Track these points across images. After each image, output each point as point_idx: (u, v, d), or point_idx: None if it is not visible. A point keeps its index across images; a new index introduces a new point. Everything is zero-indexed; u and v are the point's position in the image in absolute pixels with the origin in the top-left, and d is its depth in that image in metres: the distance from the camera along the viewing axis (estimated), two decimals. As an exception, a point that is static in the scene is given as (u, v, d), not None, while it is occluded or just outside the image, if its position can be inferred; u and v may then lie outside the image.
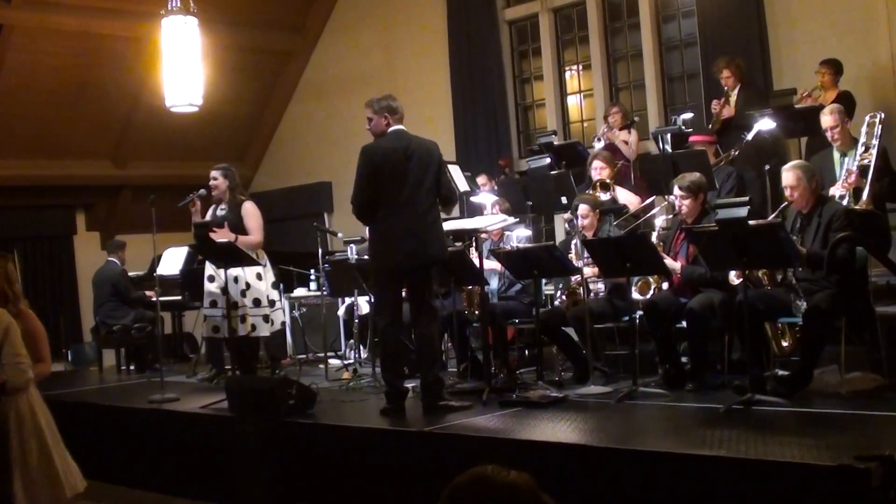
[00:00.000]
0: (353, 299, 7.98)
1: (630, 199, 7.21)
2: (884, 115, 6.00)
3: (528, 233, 7.31)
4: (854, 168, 5.85)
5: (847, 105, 6.47)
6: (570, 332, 6.42)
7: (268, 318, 7.19)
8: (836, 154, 6.14)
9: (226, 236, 6.94)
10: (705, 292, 5.70)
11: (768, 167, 6.52)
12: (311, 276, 9.07)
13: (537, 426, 4.98)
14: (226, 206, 7.29)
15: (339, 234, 8.71)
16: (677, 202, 5.97)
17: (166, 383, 7.15)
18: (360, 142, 5.76)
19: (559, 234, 9.16)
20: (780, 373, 5.56)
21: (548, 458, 4.45)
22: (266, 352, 7.93)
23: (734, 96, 7.68)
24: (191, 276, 8.73)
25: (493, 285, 6.88)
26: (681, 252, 6.01)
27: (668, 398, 5.49)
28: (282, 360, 8.54)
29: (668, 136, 7.23)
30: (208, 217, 7.31)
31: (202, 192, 7.27)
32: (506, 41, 10.24)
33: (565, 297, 6.61)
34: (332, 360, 8.10)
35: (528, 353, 7.41)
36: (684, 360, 5.95)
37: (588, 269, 6.30)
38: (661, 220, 6.34)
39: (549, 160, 7.32)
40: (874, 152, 5.83)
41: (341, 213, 11.07)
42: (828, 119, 6.05)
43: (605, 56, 9.54)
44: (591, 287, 6.46)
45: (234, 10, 10.61)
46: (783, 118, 6.68)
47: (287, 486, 5.51)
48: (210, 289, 7.25)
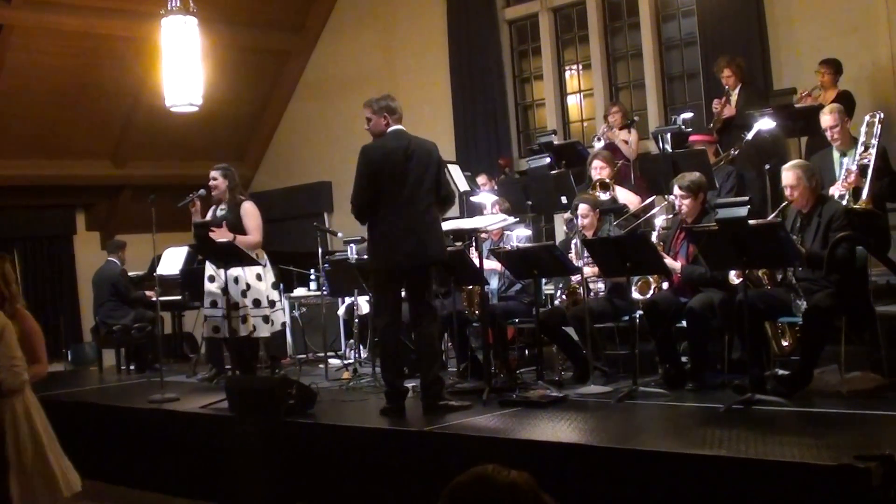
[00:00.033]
0: (353, 299, 7.97)
1: (630, 199, 7.20)
2: (883, 115, 5.99)
3: (528, 232, 7.32)
4: (853, 168, 5.84)
5: (847, 105, 6.47)
6: (570, 331, 6.42)
7: (268, 319, 7.18)
8: (835, 154, 6.13)
9: (224, 236, 6.93)
10: (705, 292, 5.70)
11: (768, 167, 6.52)
12: (311, 276, 9.07)
13: (537, 426, 4.98)
14: (225, 207, 7.29)
15: (339, 234, 8.71)
16: (677, 202, 5.97)
17: (166, 383, 7.14)
18: (359, 141, 5.75)
19: (559, 233, 9.15)
20: (781, 372, 5.56)
21: (548, 458, 4.45)
22: (266, 352, 7.94)
23: (735, 96, 7.68)
24: (191, 276, 8.73)
25: (493, 285, 6.88)
26: (681, 252, 6.00)
27: (668, 398, 5.48)
28: (282, 359, 8.54)
29: (668, 135, 7.23)
30: (208, 217, 7.31)
31: (202, 192, 7.27)
32: (506, 41, 10.24)
33: (565, 296, 6.61)
34: (331, 360, 8.10)
35: (528, 352, 7.41)
36: (684, 359, 5.95)
37: (588, 269, 6.30)
38: (661, 220, 6.34)
39: (548, 160, 7.32)
40: (873, 152, 5.83)
41: (341, 212, 11.06)
42: (827, 118, 6.05)
43: (605, 56, 9.54)
44: (591, 287, 6.45)
45: (234, 9, 10.60)
46: (783, 118, 6.68)
47: (287, 486, 5.51)
48: (210, 289, 7.25)
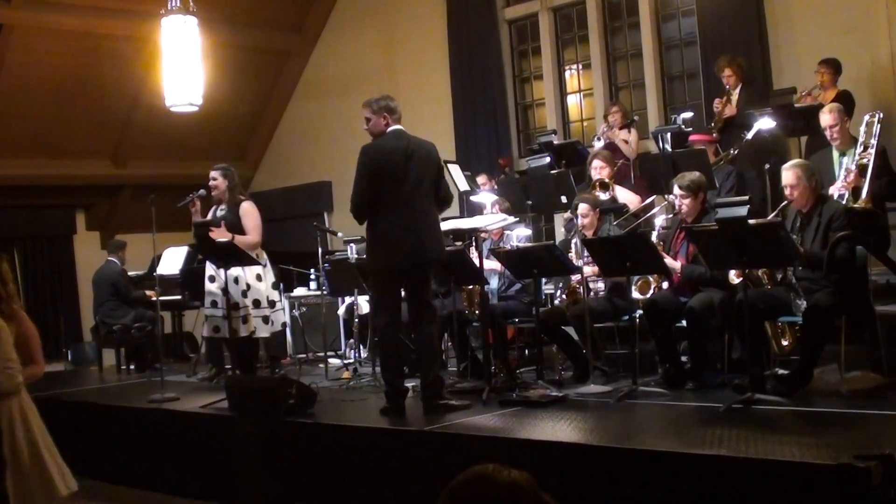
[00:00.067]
0: (353, 299, 7.97)
1: (630, 199, 7.20)
2: (882, 115, 6.00)
3: (528, 232, 7.31)
4: (853, 167, 5.85)
5: (846, 104, 6.47)
6: (570, 331, 6.42)
7: (267, 320, 7.18)
8: (835, 153, 6.13)
9: (222, 236, 6.93)
10: (705, 291, 5.70)
11: (768, 166, 6.51)
12: (311, 276, 9.07)
13: (537, 425, 4.98)
14: (225, 207, 7.29)
15: (339, 234, 8.71)
16: (677, 201, 5.97)
17: (166, 383, 7.14)
18: (359, 141, 5.74)
19: (559, 233, 9.16)
20: (780, 372, 5.56)
21: (548, 458, 4.45)
22: (266, 351, 7.93)
23: (736, 95, 7.68)
24: (191, 276, 8.73)
25: (493, 285, 6.88)
26: (681, 251, 6.00)
27: (668, 397, 5.48)
28: (282, 359, 8.54)
29: (668, 135, 7.23)
30: (209, 218, 7.31)
31: (202, 192, 7.27)
32: (505, 40, 10.24)
33: (565, 296, 6.61)
34: (331, 360, 8.10)
35: (527, 352, 7.41)
36: (684, 359, 5.95)
37: (588, 269, 6.30)
38: (661, 220, 6.35)
39: (548, 159, 7.32)
40: (872, 151, 5.83)
41: (341, 212, 11.05)
42: (827, 117, 6.05)
43: (605, 55, 9.54)
44: (591, 286, 6.45)
45: (234, 9, 10.60)
46: (783, 117, 6.67)
47: (287, 486, 5.51)
48: (211, 289, 7.24)
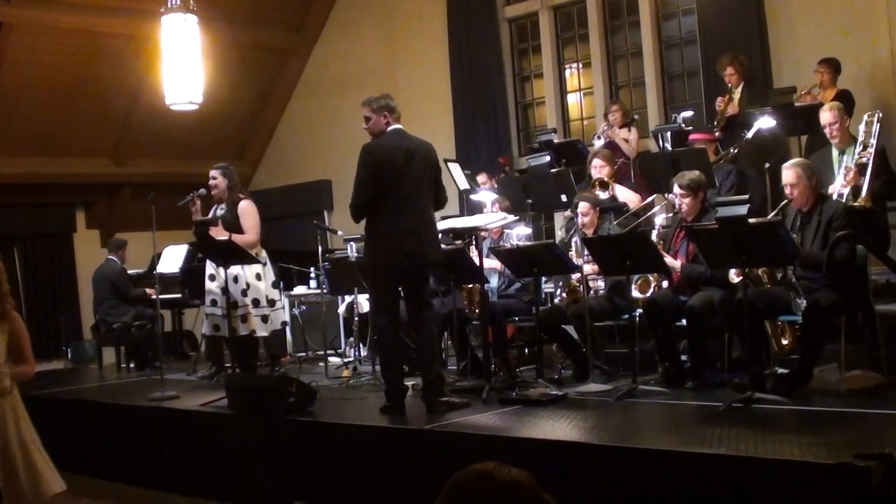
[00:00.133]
0: (353, 297, 7.97)
1: (630, 198, 7.20)
2: (882, 115, 6.00)
3: (528, 231, 7.32)
4: (852, 165, 5.85)
5: (846, 104, 6.47)
6: (570, 330, 6.41)
7: (266, 319, 7.17)
8: (834, 152, 6.13)
9: (220, 235, 6.93)
10: (705, 290, 5.70)
11: (768, 165, 6.52)
12: (311, 274, 9.07)
13: (537, 424, 4.98)
14: (225, 206, 7.29)
15: (339, 232, 8.71)
16: (677, 200, 5.97)
17: (166, 381, 7.14)
18: (359, 140, 5.73)
19: (560, 233, 9.15)
20: (780, 371, 5.56)
21: (547, 456, 4.45)
22: (266, 350, 7.93)
23: (737, 93, 7.67)
24: (191, 274, 8.73)
25: (493, 283, 6.88)
26: (681, 250, 6.00)
27: (668, 396, 5.49)
28: (281, 357, 8.54)
29: (668, 134, 7.22)
30: (209, 216, 7.31)
31: (202, 191, 7.26)
32: (506, 39, 10.23)
33: (565, 295, 6.61)
34: (331, 358, 8.10)
35: (527, 351, 7.41)
36: (684, 358, 5.95)
37: (588, 267, 6.30)
38: (661, 219, 6.35)
39: (548, 158, 7.32)
40: (872, 151, 5.83)
41: (341, 211, 11.05)
42: (827, 115, 6.05)
43: (605, 54, 9.54)
44: (591, 285, 6.45)
45: (234, 7, 10.59)
46: (783, 116, 6.67)
47: (287, 484, 5.51)
48: (211, 288, 7.24)
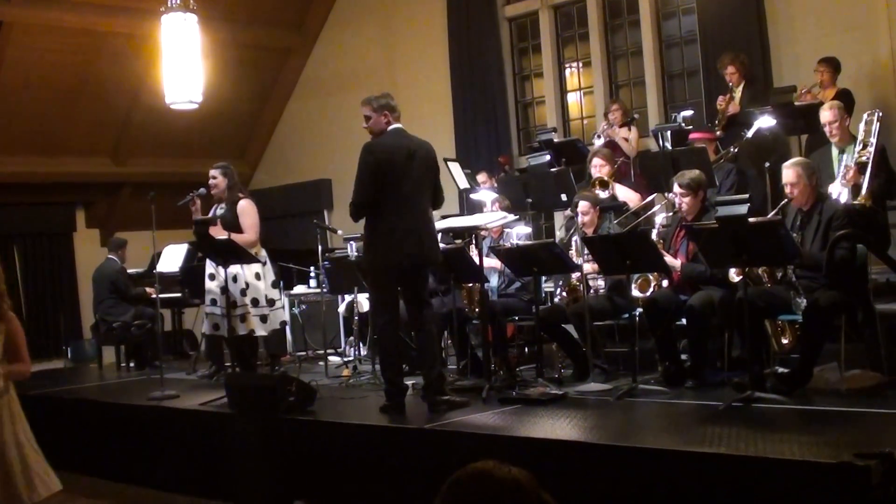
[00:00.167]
0: (353, 296, 7.97)
1: (630, 197, 7.20)
2: (882, 114, 6.00)
3: (528, 230, 7.31)
4: (852, 164, 5.85)
5: (846, 103, 6.47)
6: (570, 329, 6.41)
7: (265, 318, 7.17)
8: (834, 151, 6.14)
9: (219, 234, 6.93)
10: (705, 289, 5.70)
11: (768, 164, 6.52)
12: (311, 274, 9.07)
13: (537, 423, 4.98)
14: (225, 205, 7.29)
15: (339, 231, 8.70)
16: (677, 199, 5.97)
17: (166, 380, 7.14)
18: (359, 139, 5.72)
19: (559, 231, 9.15)
20: (780, 370, 5.56)
21: (547, 456, 4.45)
22: (266, 349, 7.93)
23: (739, 92, 7.67)
24: (191, 273, 8.72)
25: (493, 283, 6.88)
26: (681, 249, 6.00)
27: (668, 395, 5.48)
28: (281, 357, 8.54)
29: (669, 133, 7.22)
30: (209, 216, 7.31)
31: (202, 190, 7.25)
32: (506, 38, 10.23)
33: (565, 294, 6.61)
34: (331, 358, 8.10)
35: (527, 350, 7.41)
36: (684, 357, 5.94)
37: (588, 266, 6.30)
38: (661, 218, 6.35)
39: (548, 157, 7.33)
40: (871, 150, 5.83)
41: (341, 210, 11.04)
42: (827, 114, 6.05)
43: (606, 53, 9.54)
44: (591, 284, 6.45)
45: (234, 6, 10.59)
46: (783, 115, 6.67)
47: (286, 483, 5.51)
48: (211, 287, 7.24)
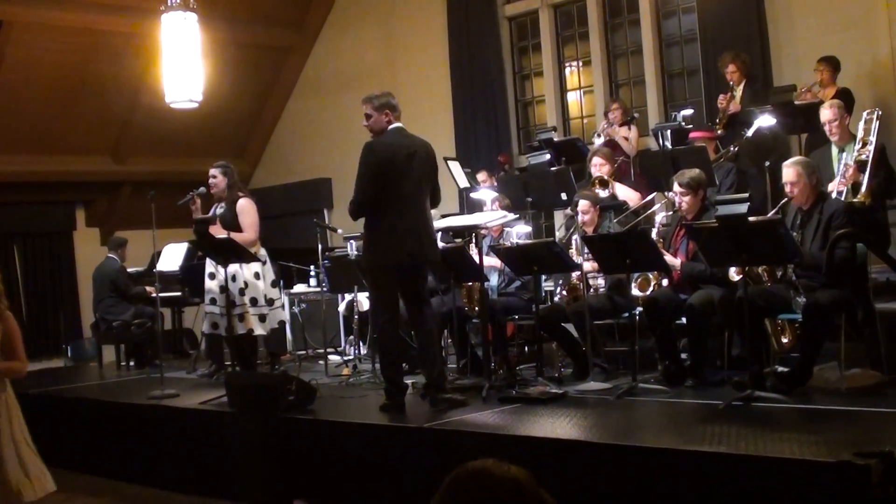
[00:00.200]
0: (353, 295, 7.97)
1: (630, 196, 7.20)
2: (881, 112, 6.01)
3: (528, 229, 7.30)
4: (852, 163, 5.85)
5: (846, 102, 6.48)
6: (570, 328, 6.41)
7: (264, 318, 7.17)
8: (833, 149, 6.14)
9: (219, 233, 6.93)
10: (705, 289, 5.70)
11: (768, 163, 6.52)
12: (311, 273, 9.07)
13: (537, 422, 4.98)
14: (224, 204, 7.28)
15: (339, 231, 8.71)
16: (677, 199, 5.97)
17: (166, 379, 7.13)
18: (359, 138, 5.72)
19: (559, 230, 9.15)
20: (780, 369, 5.56)
21: (547, 454, 4.45)
22: (266, 348, 7.93)
23: (739, 91, 7.67)
24: (190, 272, 8.72)
25: (493, 282, 6.88)
26: (681, 248, 6.00)
27: (668, 394, 5.48)
28: (281, 356, 8.54)
29: (668, 132, 7.22)
30: (209, 215, 7.31)
31: (202, 190, 7.26)
32: (506, 37, 10.23)
33: (565, 293, 6.61)
34: (331, 357, 8.10)
35: (527, 349, 7.41)
36: (684, 356, 5.94)
37: (588, 265, 6.30)
38: (661, 217, 6.35)
39: (548, 156, 7.32)
40: (871, 148, 5.83)
41: (341, 209, 11.03)
42: (827, 113, 6.06)
43: (605, 52, 9.54)
44: (591, 283, 6.45)
45: (234, 5, 10.59)
46: (783, 114, 6.67)
47: (286, 482, 5.52)
48: (210, 286, 7.25)
